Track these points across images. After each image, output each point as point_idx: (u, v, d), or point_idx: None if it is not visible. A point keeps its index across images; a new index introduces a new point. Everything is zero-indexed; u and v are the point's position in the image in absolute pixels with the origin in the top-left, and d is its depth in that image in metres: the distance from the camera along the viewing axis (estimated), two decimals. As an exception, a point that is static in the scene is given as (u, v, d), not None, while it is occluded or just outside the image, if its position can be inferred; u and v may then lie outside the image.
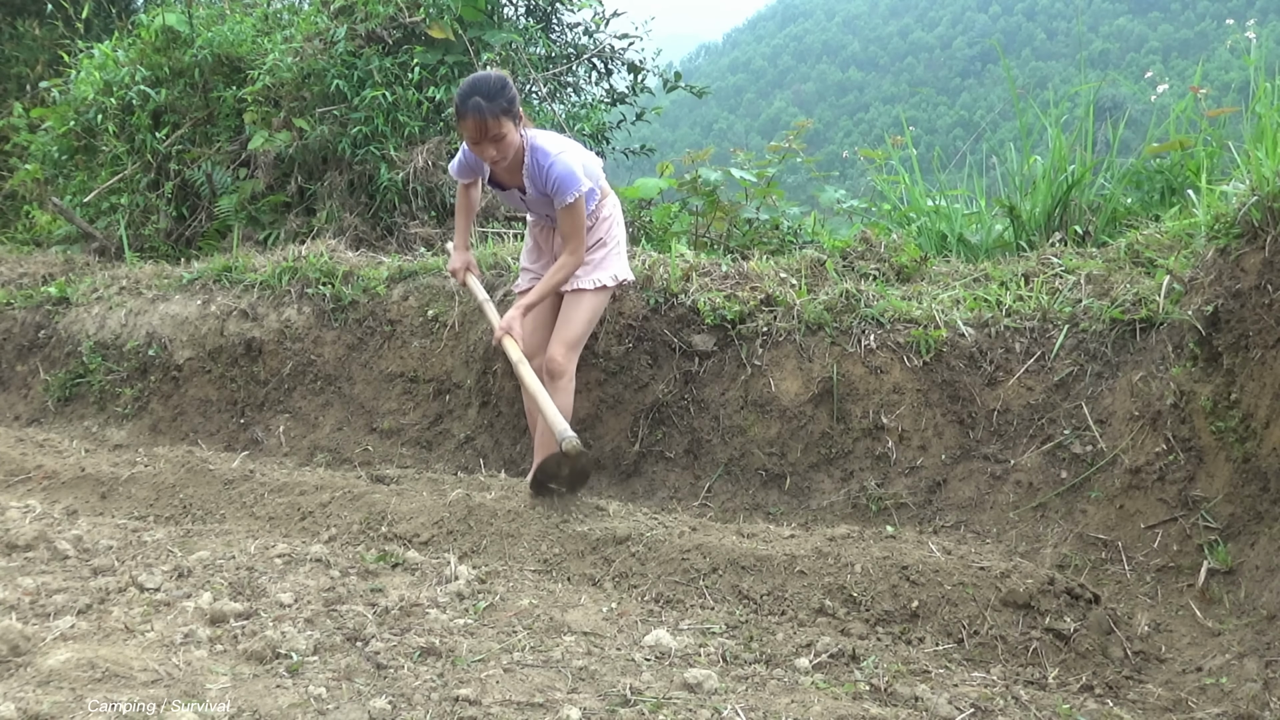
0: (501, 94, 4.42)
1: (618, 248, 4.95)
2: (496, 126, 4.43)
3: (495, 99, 4.40)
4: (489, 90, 4.40)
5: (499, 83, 4.44)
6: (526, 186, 4.70)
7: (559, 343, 4.75)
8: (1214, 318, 3.86)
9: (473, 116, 4.40)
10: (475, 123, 4.41)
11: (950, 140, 56.18)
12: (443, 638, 3.03)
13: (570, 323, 4.79)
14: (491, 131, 4.43)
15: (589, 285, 4.79)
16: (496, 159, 4.55)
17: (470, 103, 4.38)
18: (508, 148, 4.51)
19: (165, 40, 8.78)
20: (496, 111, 4.40)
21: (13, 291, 7.75)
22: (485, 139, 4.46)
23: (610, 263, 4.89)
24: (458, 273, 5.18)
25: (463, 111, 4.42)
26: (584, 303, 4.80)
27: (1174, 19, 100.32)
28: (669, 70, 9.54)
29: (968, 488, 4.47)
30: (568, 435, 4.25)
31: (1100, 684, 3.09)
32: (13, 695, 2.43)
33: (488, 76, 4.46)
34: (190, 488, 4.68)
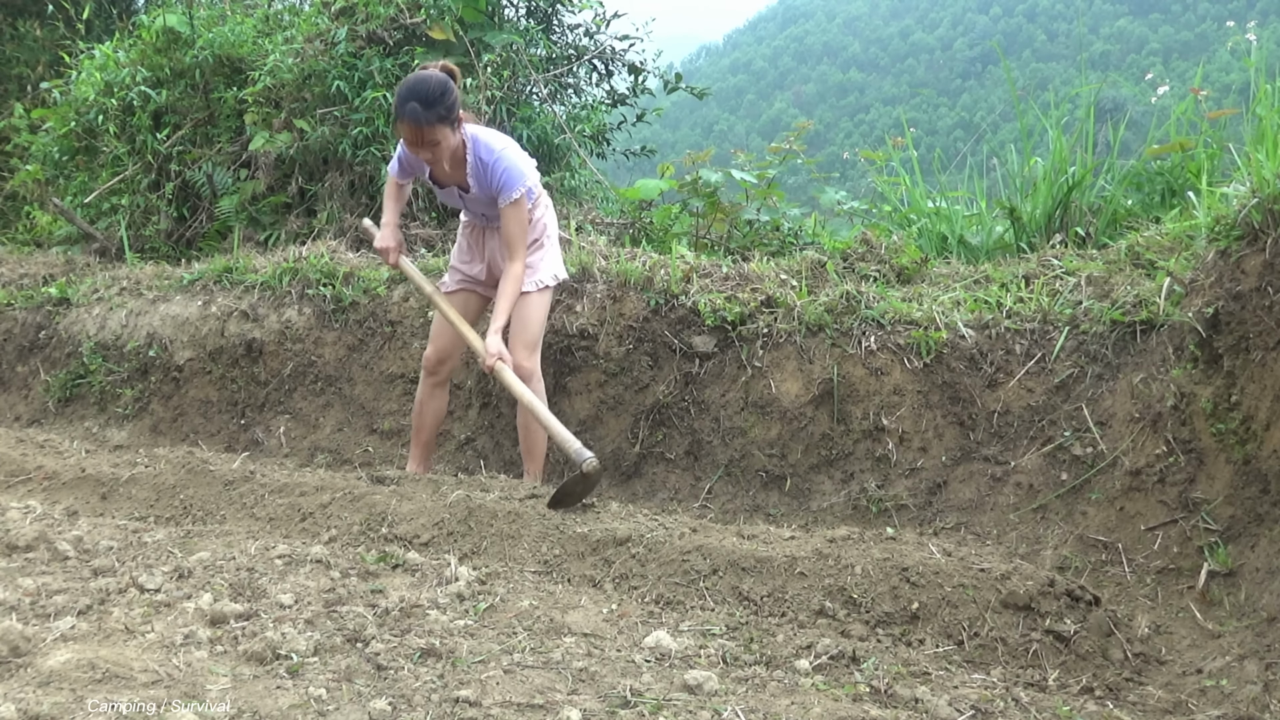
0: (440, 100, 4.43)
1: (554, 247, 5.02)
2: (431, 133, 4.47)
3: (433, 105, 4.42)
4: (427, 96, 4.42)
5: (439, 87, 4.45)
6: (470, 184, 4.73)
7: (521, 348, 4.81)
8: (1214, 320, 3.86)
9: (408, 121, 4.44)
10: (410, 128, 4.46)
11: (951, 142, 56.20)
12: (443, 639, 3.03)
13: (526, 326, 4.84)
14: (426, 137, 4.47)
15: (532, 288, 4.86)
16: (433, 161, 4.61)
17: (407, 108, 4.42)
18: (444, 151, 4.55)
19: (166, 41, 8.78)
20: (433, 119, 4.44)
21: (13, 292, 7.75)
22: (420, 144, 4.51)
23: (549, 262, 4.97)
24: (389, 253, 5.07)
25: (399, 114, 4.46)
26: (531, 304, 4.86)
27: (1175, 21, 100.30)
28: (669, 71, 9.53)
29: (968, 489, 4.47)
30: (586, 456, 4.32)
31: (1100, 686, 3.09)
32: (13, 696, 2.43)
33: (428, 79, 4.47)
34: (191, 488, 4.68)
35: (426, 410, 5.16)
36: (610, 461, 5.21)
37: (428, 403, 5.15)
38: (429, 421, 5.19)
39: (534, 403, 4.60)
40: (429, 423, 5.19)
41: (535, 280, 4.86)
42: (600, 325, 5.38)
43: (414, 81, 4.47)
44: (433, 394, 5.14)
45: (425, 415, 5.17)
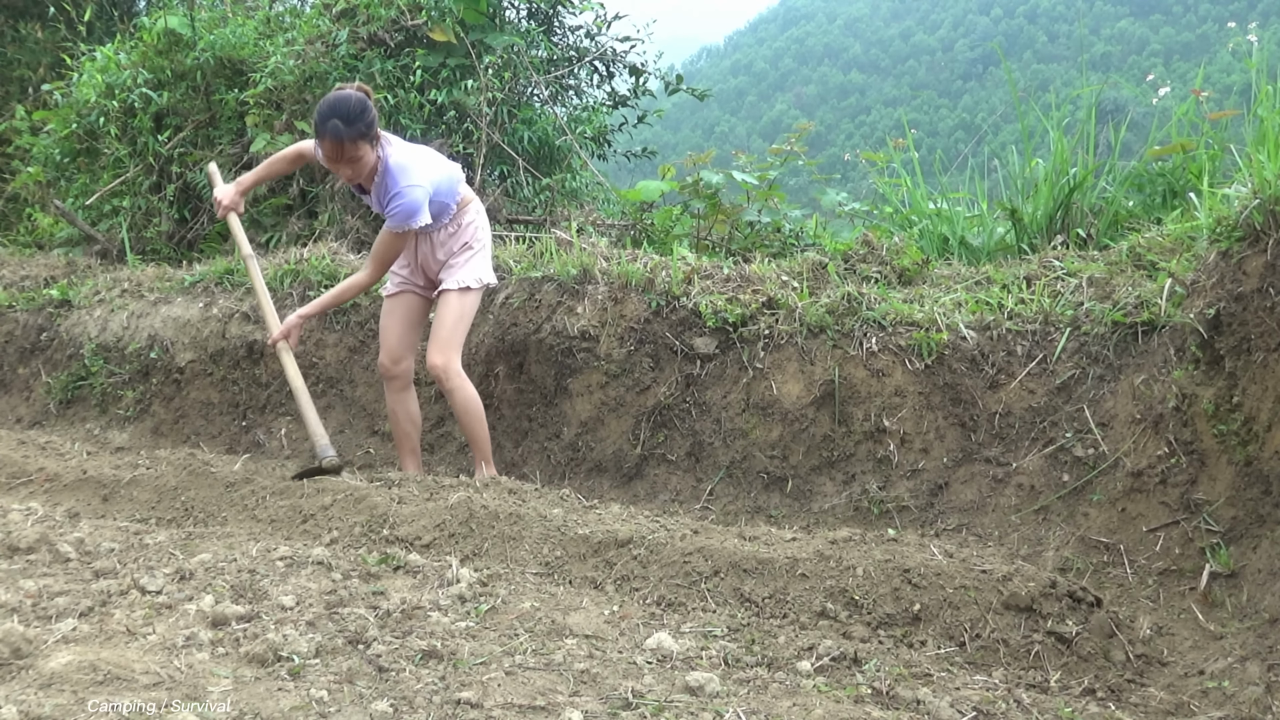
0: (360, 118, 4.55)
1: (483, 251, 5.10)
2: (353, 149, 4.59)
3: (354, 123, 4.54)
4: (348, 114, 4.53)
5: (359, 106, 4.56)
6: (373, 201, 4.90)
7: (433, 347, 4.92)
8: (1216, 321, 3.86)
9: (330, 139, 4.55)
10: (332, 145, 4.57)
11: (952, 143, 56.20)
12: (444, 640, 3.03)
13: (441, 324, 4.94)
14: (347, 154, 4.60)
15: (453, 286, 4.95)
16: (351, 177, 4.73)
17: (329, 125, 4.53)
18: (362, 167, 4.69)
19: (167, 43, 8.79)
20: (354, 135, 4.56)
21: (14, 294, 7.76)
22: (341, 160, 4.63)
23: (475, 265, 5.03)
24: (220, 206, 5.27)
25: (321, 132, 4.57)
26: (450, 304, 4.94)
27: (1176, 22, 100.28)
28: (670, 73, 9.54)
29: (969, 491, 4.47)
30: (328, 453, 4.76)
31: (1102, 687, 3.09)
32: (14, 698, 2.43)
33: (348, 98, 4.58)
34: (192, 490, 4.68)
35: (401, 416, 5.19)
36: (612, 463, 5.22)
37: (398, 408, 5.18)
38: (407, 429, 5.21)
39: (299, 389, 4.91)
40: (408, 430, 5.22)
41: (456, 279, 4.95)
42: (601, 326, 5.37)
43: (334, 100, 4.59)
44: (400, 399, 5.17)
45: (400, 422, 5.20)
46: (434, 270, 5.11)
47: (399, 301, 5.14)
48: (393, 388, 5.15)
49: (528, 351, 5.53)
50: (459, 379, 4.94)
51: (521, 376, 5.57)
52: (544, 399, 5.48)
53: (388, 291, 5.19)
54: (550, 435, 5.44)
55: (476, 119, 7.87)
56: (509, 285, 5.77)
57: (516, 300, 5.67)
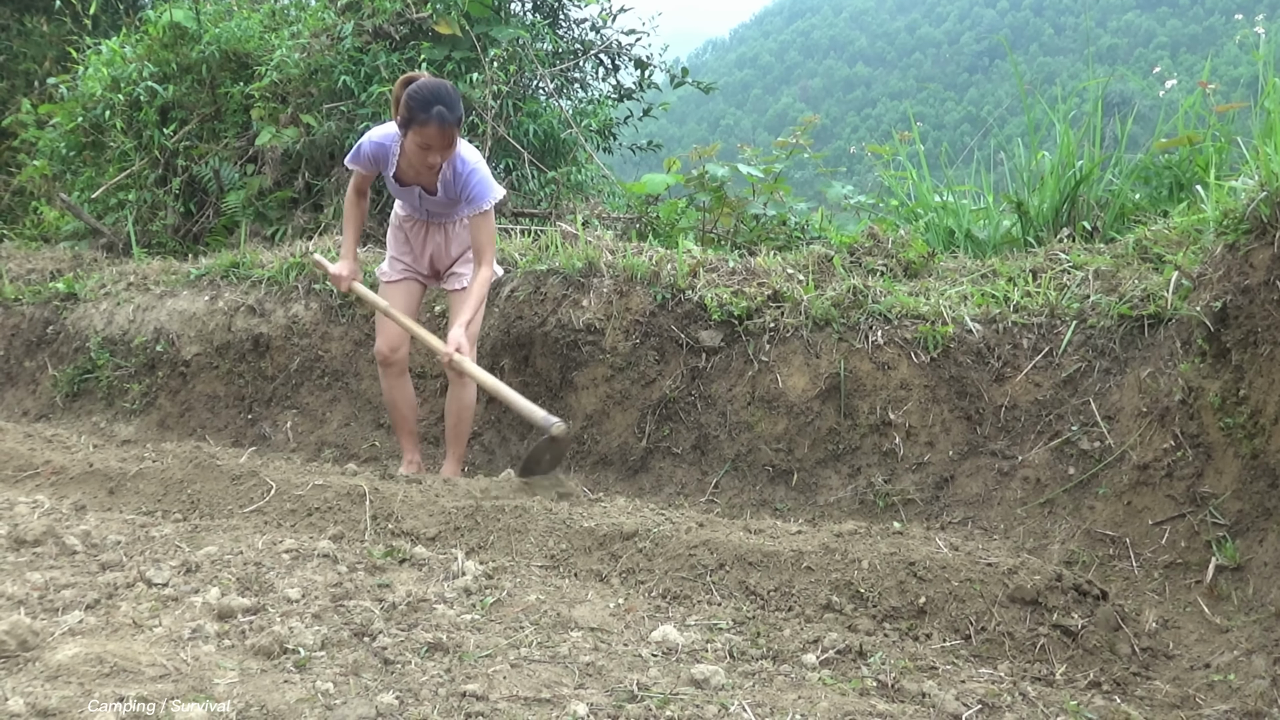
0: (459, 104, 4.59)
1: None
2: (455, 135, 4.61)
3: (455, 109, 4.56)
4: (451, 101, 4.55)
5: (456, 93, 4.61)
6: (438, 189, 4.86)
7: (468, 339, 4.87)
8: (1222, 314, 3.85)
9: (438, 125, 4.53)
10: (439, 131, 4.55)
11: (958, 136, 56.12)
12: (450, 633, 3.04)
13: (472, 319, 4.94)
14: (451, 140, 4.59)
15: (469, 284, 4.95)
16: (435, 165, 4.69)
17: (435, 111, 4.50)
18: (450, 155, 4.69)
19: (173, 36, 8.80)
20: (456, 121, 4.57)
21: (21, 287, 7.77)
22: (443, 146, 4.61)
23: None
24: (342, 281, 5.17)
25: (425, 119, 4.52)
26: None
27: (1182, 14, 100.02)
28: (676, 66, 9.55)
29: (975, 484, 4.47)
30: (553, 421, 4.52)
31: (1108, 680, 3.08)
32: (21, 690, 2.44)
33: (445, 86, 4.60)
34: (198, 483, 4.69)
35: (398, 401, 5.27)
36: (617, 456, 5.22)
37: (395, 394, 5.26)
38: (405, 413, 5.29)
39: (498, 386, 4.75)
40: (405, 414, 5.30)
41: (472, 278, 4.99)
42: (607, 320, 5.37)
43: (435, 86, 4.56)
44: (396, 384, 5.25)
45: (399, 407, 5.28)
46: (444, 263, 5.16)
47: (400, 289, 5.17)
48: (390, 374, 5.22)
49: (533, 344, 5.54)
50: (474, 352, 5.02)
51: (527, 369, 5.57)
52: (550, 392, 5.48)
53: (389, 279, 5.21)
54: (555, 428, 5.44)
55: (482, 112, 7.86)
56: (514, 278, 5.77)
57: (522, 293, 5.66)
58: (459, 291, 5.06)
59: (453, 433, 5.19)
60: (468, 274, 5.03)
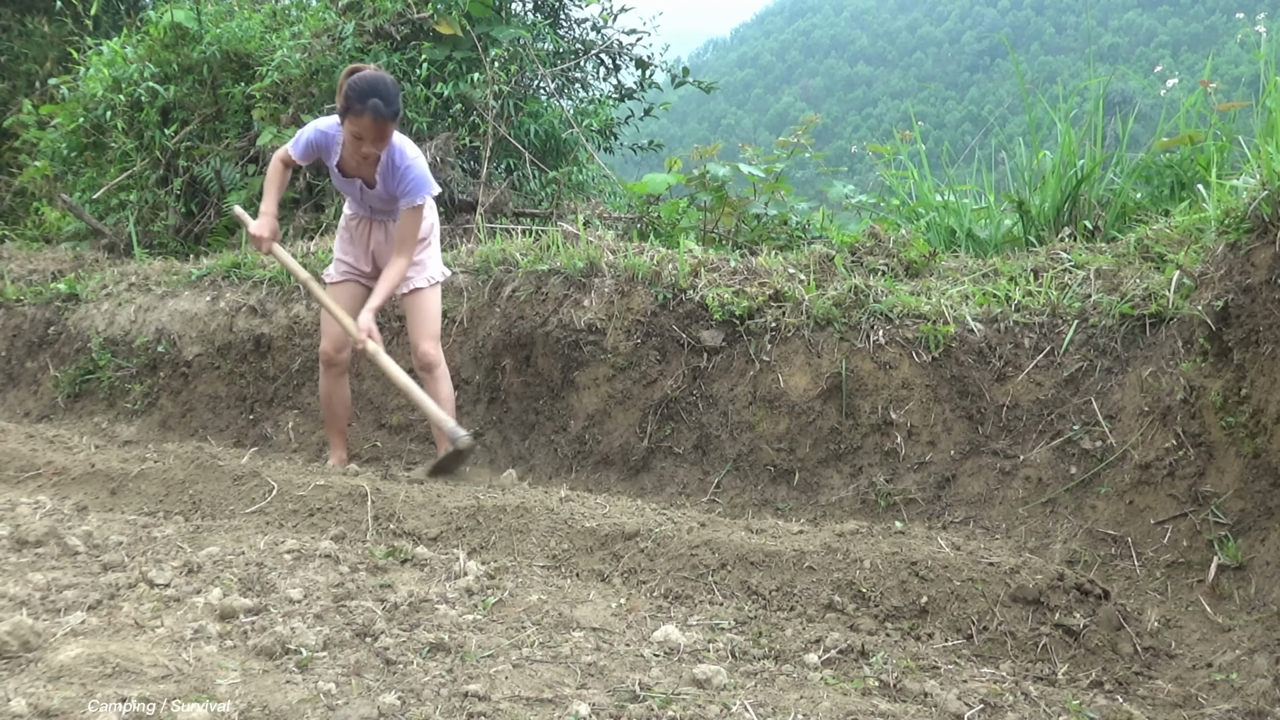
0: (397, 99, 4.70)
1: (437, 244, 5.34)
2: (389, 129, 4.70)
3: (392, 103, 4.65)
4: (388, 94, 4.64)
5: (395, 87, 4.71)
6: (376, 182, 4.95)
7: (426, 339, 5.13)
8: (1224, 313, 3.85)
9: (372, 116, 4.62)
10: (373, 123, 4.63)
11: (959, 135, 56.12)
12: (452, 633, 3.04)
13: (429, 319, 5.17)
14: (384, 133, 4.69)
15: (424, 284, 5.17)
16: (367, 156, 4.78)
17: (370, 103, 4.60)
18: (385, 147, 4.78)
19: (174, 37, 8.80)
20: (391, 114, 4.66)
21: (23, 288, 7.77)
22: (377, 139, 4.70)
23: (436, 258, 5.29)
24: (263, 241, 5.27)
25: (359, 109, 4.61)
26: (429, 299, 5.18)
27: (1184, 13, 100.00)
28: (677, 65, 9.54)
29: (977, 483, 4.47)
30: (460, 435, 4.81)
31: (1110, 680, 3.08)
32: (24, 690, 2.44)
33: (384, 79, 4.69)
34: (200, 483, 4.69)
35: (334, 401, 5.37)
36: (619, 456, 5.22)
37: (333, 393, 5.36)
38: (340, 411, 5.42)
39: (409, 385, 4.91)
40: (340, 413, 5.42)
41: (427, 277, 5.18)
42: (608, 320, 5.37)
43: (372, 79, 4.66)
44: (336, 384, 5.34)
45: (335, 406, 5.39)
46: (384, 261, 5.23)
47: (343, 290, 5.28)
48: (331, 374, 5.31)
49: (534, 344, 5.54)
50: (445, 367, 5.21)
51: (528, 369, 5.57)
52: (551, 392, 5.48)
53: (332, 279, 5.31)
54: (557, 428, 5.44)
55: (483, 112, 7.86)
56: (516, 278, 5.77)
57: (523, 293, 5.66)
58: (411, 295, 5.17)
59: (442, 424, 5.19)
60: (415, 277, 5.14)
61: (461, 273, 6.05)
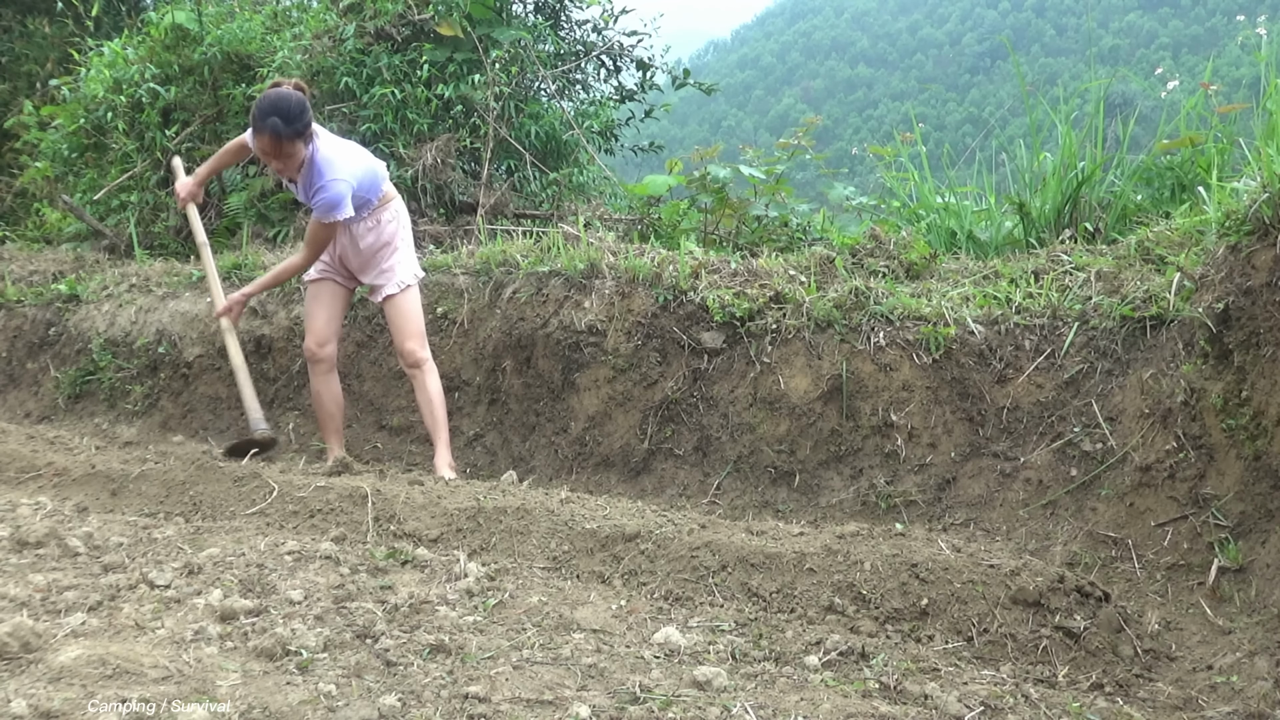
0: (299, 118, 4.80)
1: (406, 247, 5.40)
2: (289, 146, 4.82)
3: (293, 123, 4.77)
4: (288, 113, 4.76)
5: (299, 106, 4.79)
6: (299, 192, 5.11)
7: (409, 340, 5.25)
8: (1225, 315, 3.85)
9: (269, 135, 4.76)
10: (270, 140, 4.78)
11: (960, 137, 56.09)
12: (452, 635, 3.04)
13: (408, 319, 5.27)
14: (283, 150, 4.82)
15: (395, 289, 5.26)
16: (281, 170, 4.96)
17: (269, 121, 4.74)
18: (293, 163, 4.91)
19: (175, 38, 8.81)
20: (291, 135, 4.79)
21: (23, 289, 7.77)
22: (275, 155, 4.85)
23: (406, 263, 5.34)
24: (181, 196, 5.63)
25: (259, 127, 4.78)
26: (405, 303, 5.27)
27: (1184, 15, 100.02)
28: (678, 67, 9.54)
29: (977, 485, 4.47)
30: (260, 426, 5.07)
31: (1110, 682, 3.08)
32: (24, 692, 2.44)
33: (289, 97, 4.80)
34: (200, 485, 4.69)
35: (325, 398, 5.45)
36: (619, 457, 5.22)
37: (323, 391, 5.43)
38: (332, 410, 5.48)
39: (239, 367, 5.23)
40: (333, 410, 5.48)
41: (397, 282, 5.25)
42: (609, 321, 5.38)
43: (275, 98, 4.78)
44: (325, 381, 5.42)
45: (326, 403, 5.46)
46: (352, 264, 5.36)
47: (323, 287, 5.40)
48: (318, 371, 5.39)
49: (535, 346, 5.54)
50: (432, 363, 5.30)
51: (529, 371, 5.57)
52: (551, 393, 5.48)
53: (310, 277, 5.42)
54: (558, 430, 5.44)
55: (484, 113, 7.86)
56: (517, 279, 5.77)
57: (524, 295, 5.67)
58: (386, 302, 5.30)
59: (431, 424, 5.28)
60: (386, 285, 5.26)
61: (462, 274, 6.05)
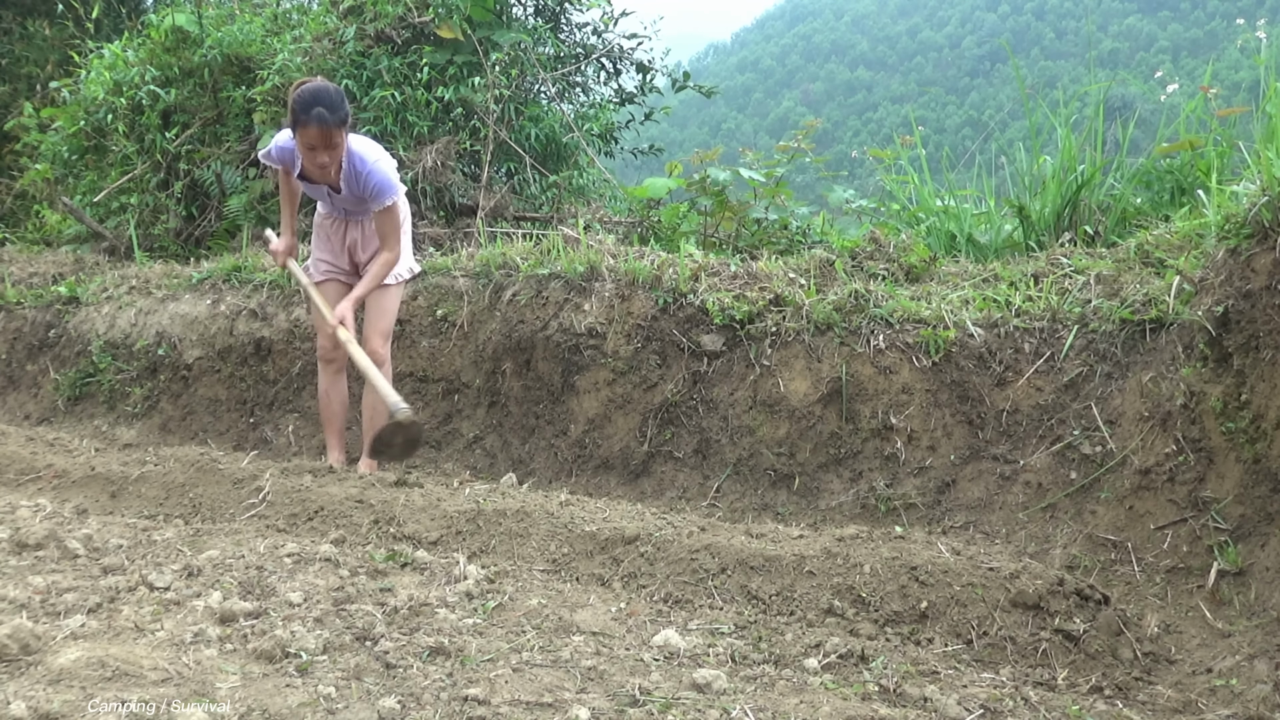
0: (342, 105, 4.77)
1: (407, 242, 5.42)
2: (337, 136, 4.78)
3: (337, 110, 4.74)
4: (331, 102, 4.73)
5: (339, 95, 4.78)
6: (341, 188, 5.05)
7: (376, 334, 5.24)
8: (1224, 318, 3.85)
9: (317, 126, 4.72)
10: (319, 132, 4.74)
11: (959, 140, 56.11)
12: (452, 637, 3.04)
13: (383, 314, 5.29)
14: (332, 140, 4.78)
15: (392, 280, 5.28)
16: (326, 164, 4.88)
17: (314, 113, 4.70)
18: (339, 154, 4.87)
19: (175, 40, 8.81)
20: (337, 122, 4.75)
21: (23, 291, 7.77)
22: (324, 147, 4.80)
23: (404, 255, 5.36)
24: (279, 255, 5.47)
25: (305, 120, 4.72)
26: (389, 295, 5.30)
27: (1184, 18, 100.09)
28: (677, 70, 9.53)
29: (977, 488, 4.47)
30: (401, 406, 4.71)
31: (1110, 685, 3.08)
32: (23, 694, 2.44)
33: (328, 88, 4.78)
34: (200, 487, 4.69)
35: (333, 399, 5.47)
36: (619, 460, 5.22)
37: (331, 391, 5.46)
38: (337, 410, 5.49)
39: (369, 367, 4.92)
40: (337, 411, 5.49)
41: (394, 274, 5.28)
42: (608, 324, 5.38)
43: (316, 89, 4.76)
44: (334, 382, 5.45)
45: (333, 404, 5.47)
46: (362, 257, 5.37)
47: (329, 289, 5.37)
48: (329, 371, 5.42)
49: (535, 349, 5.54)
50: (389, 366, 5.32)
51: (528, 373, 5.58)
52: (551, 396, 5.48)
53: (316, 279, 5.40)
54: (557, 432, 5.44)
55: (484, 116, 7.87)
56: (516, 282, 5.77)
57: (524, 297, 5.67)
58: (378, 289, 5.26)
59: (369, 424, 5.34)
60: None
61: (462, 276, 6.05)
